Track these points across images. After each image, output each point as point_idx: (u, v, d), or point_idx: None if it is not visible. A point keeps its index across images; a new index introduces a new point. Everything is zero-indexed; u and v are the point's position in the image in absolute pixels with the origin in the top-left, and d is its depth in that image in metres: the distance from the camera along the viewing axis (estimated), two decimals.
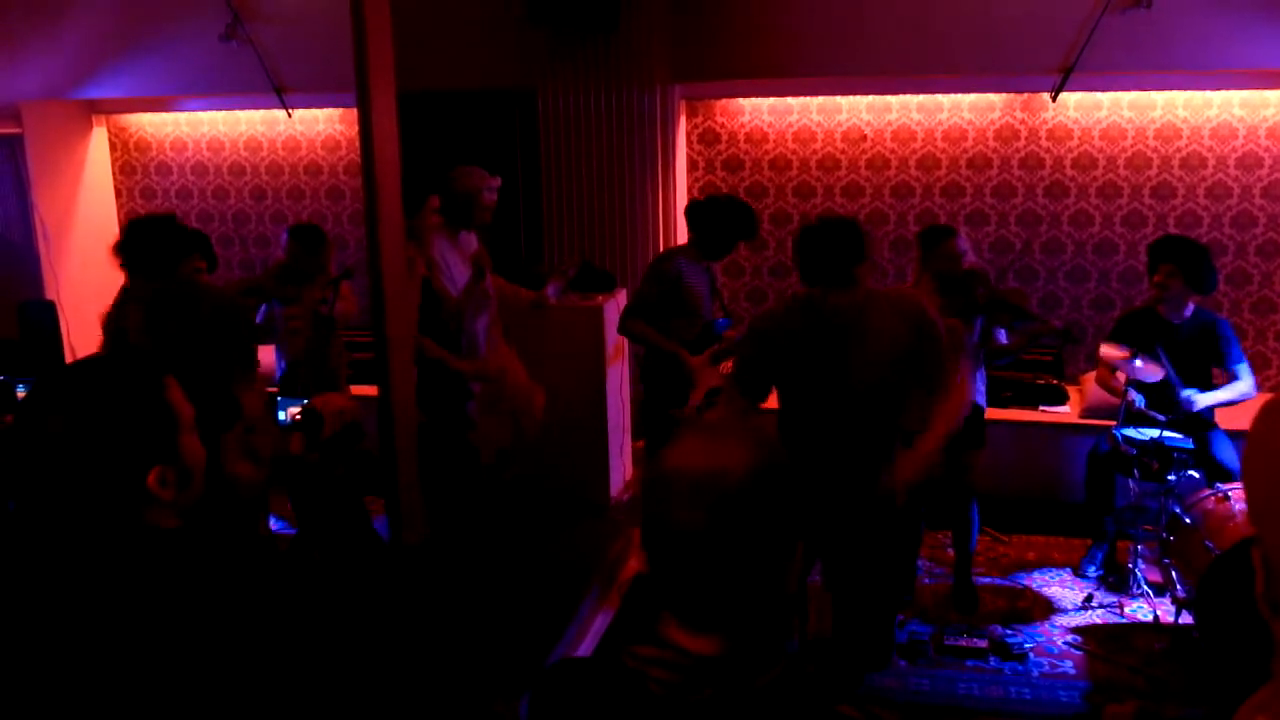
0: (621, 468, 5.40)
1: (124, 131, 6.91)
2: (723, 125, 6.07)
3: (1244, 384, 4.34)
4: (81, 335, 5.87)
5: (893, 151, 5.88)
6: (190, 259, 5.19)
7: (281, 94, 6.18)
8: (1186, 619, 3.86)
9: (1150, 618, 4.11)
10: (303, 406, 1.73)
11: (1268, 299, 5.56)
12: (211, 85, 6.30)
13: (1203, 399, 4.28)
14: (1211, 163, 5.50)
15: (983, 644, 4.00)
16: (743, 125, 6.05)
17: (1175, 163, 5.52)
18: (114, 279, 7.08)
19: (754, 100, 5.99)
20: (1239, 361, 4.38)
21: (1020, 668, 3.87)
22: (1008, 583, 4.56)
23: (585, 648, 3.89)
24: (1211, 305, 4.48)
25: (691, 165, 6.13)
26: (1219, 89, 5.39)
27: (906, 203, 5.90)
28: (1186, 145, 5.51)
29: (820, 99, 5.90)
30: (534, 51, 5.69)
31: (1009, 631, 4.11)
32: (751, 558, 1.16)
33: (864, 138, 5.89)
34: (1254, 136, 5.43)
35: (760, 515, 1.15)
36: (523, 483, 4.82)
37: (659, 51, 5.58)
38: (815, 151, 5.97)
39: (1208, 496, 4.01)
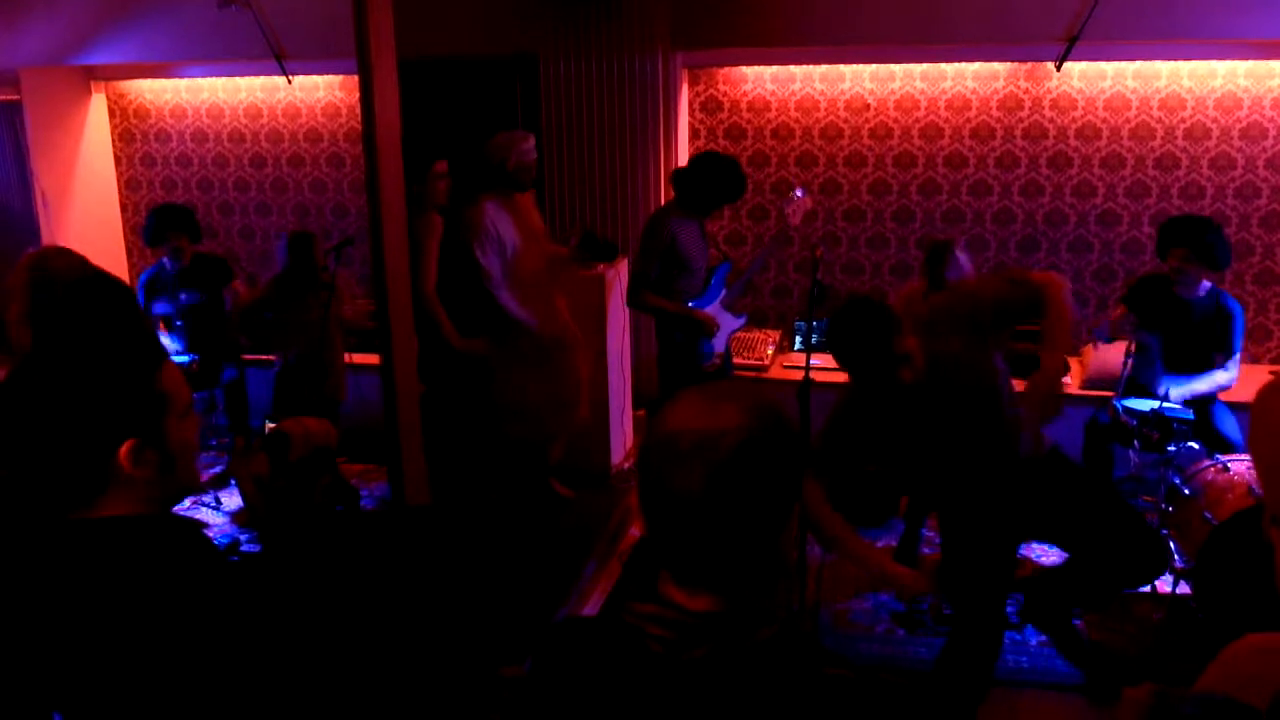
0: (622, 437, 5.41)
1: (123, 98, 6.87)
2: (725, 93, 6.04)
3: (1225, 375, 4.40)
4: None
5: (895, 121, 5.84)
6: (170, 235, 5.21)
7: (281, 60, 6.14)
8: (1185, 589, 3.88)
9: (1148, 588, 4.13)
10: (271, 428, 1.67)
11: (1270, 270, 5.55)
12: (211, 51, 6.25)
13: (1177, 392, 4.30)
14: (1216, 134, 5.47)
15: None
16: (745, 94, 6.01)
17: (1179, 133, 5.50)
18: (113, 247, 7.09)
19: (756, 68, 5.95)
20: (1236, 351, 4.40)
21: (1018, 637, 3.89)
22: None
23: (586, 615, 3.92)
24: (1214, 276, 4.48)
25: (693, 134, 6.09)
26: (1224, 59, 5.35)
27: (909, 172, 5.88)
28: (1191, 116, 5.48)
29: (823, 68, 5.86)
30: (536, 18, 5.64)
31: (1008, 600, 4.12)
32: (747, 519, 1.17)
33: (867, 107, 5.86)
34: (1259, 107, 5.39)
35: (756, 477, 1.16)
36: (529, 453, 4.84)
37: (661, 18, 5.54)
38: (818, 120, 5.94)
39: (1207, 467, 4.02)
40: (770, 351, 5.79)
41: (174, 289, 5.34)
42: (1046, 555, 4.53)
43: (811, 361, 4.19)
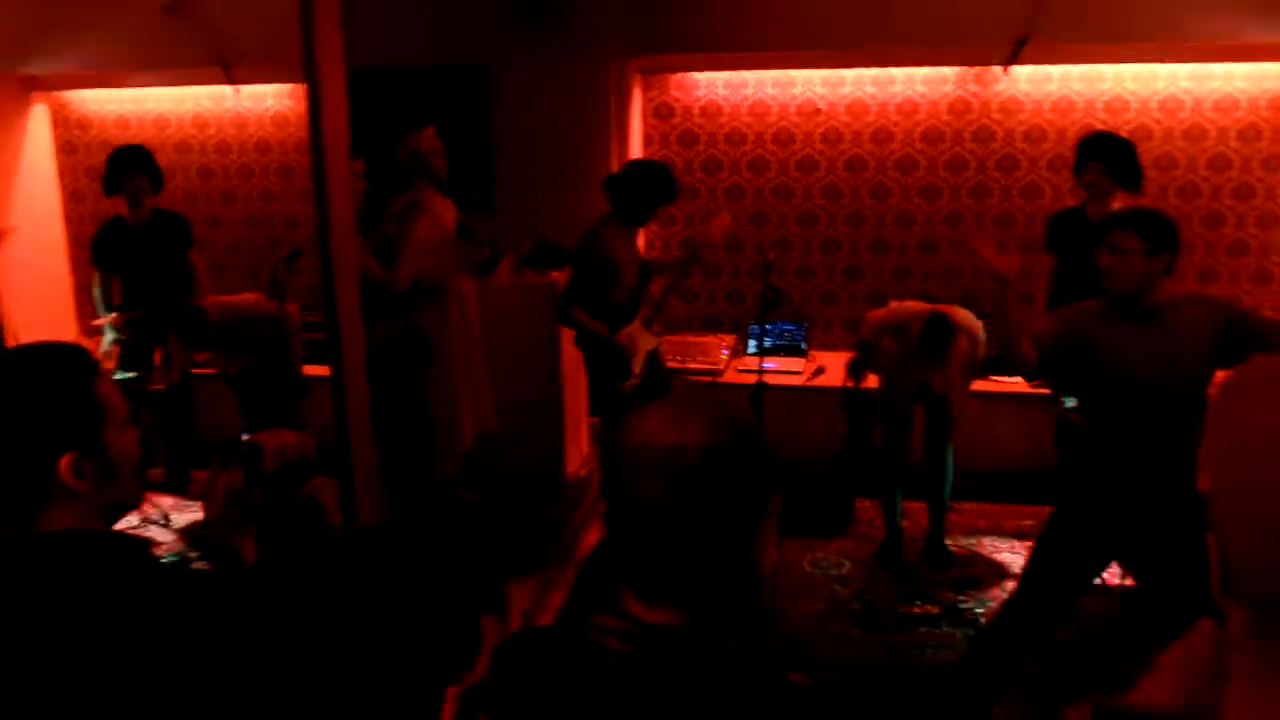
0: (578, 444, 5.39)
1: (65, 108, 6.74)
2: (678, 99, 6.05)
3: None
4: (22, 317, 5.74)
5: (846, 125, 5.89)
6: (131, 177, 5.08)
7: (228, 69, 6.05)
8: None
9: (1098, 580, 4.18)
10: (245, 441, 1.68)
11: (1211, 268, 5.66)
12: (155, 60, 6.15)
13: None
14: (1159, 135, 5.57)
15: (936, 610, 4.06)
16: (698, 99, 6.03)
17: (1124, 135, 5.57)
18: (56, 261, 6.95)
19: (709, 74, 5.97)
20: None
21: (973, 633, 3.93)
22: (960, 550, 4.63)
23: (542, 624, 3.90)
24: (1128, 199, 4.52)
25: (647, 140, 6.10)
26: (1166, 62, 5.45)
27: (860, 176, 5.92)
28: (1134, 118, 5.57)
29: (774, 73, 5.89)
30: (488, 27, 5.62)
31: (961, 597, 4.18)
32: (713, 532, 1.16)
33: (818, 111, 5.90)
34: (1200, 109, 5.50)
35: (722, 490, 1.15)
36: (479, 460, 4.81)
37: (613, 25, 5.54)
38: (770, 125, 5.97)
39: None
40: (724, 356, 5.80)
41: (130, 248, 5.15)
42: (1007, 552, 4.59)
43: (765, 365, 4.22)
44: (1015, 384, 5.37)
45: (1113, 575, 4.08)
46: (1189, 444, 3.07)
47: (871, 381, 4.57)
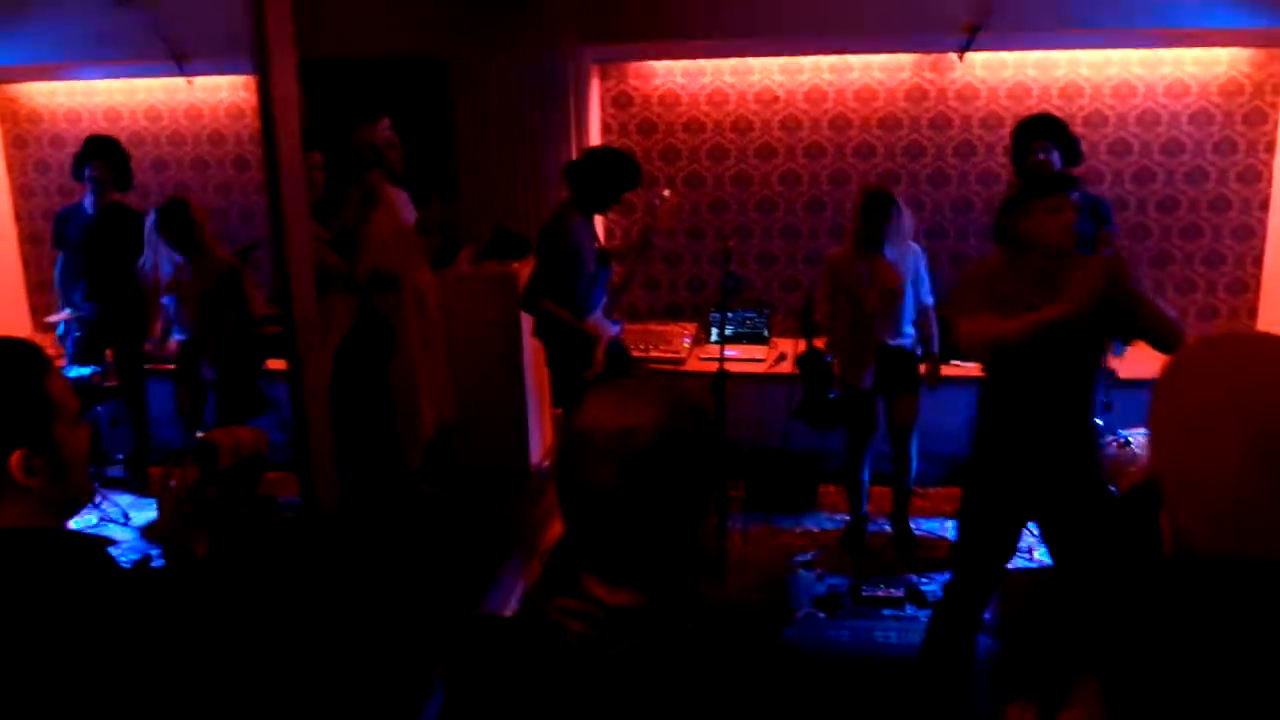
0: (541, 435, 5.38)
1: (13, 102, 6.61)
2: (635, 88, 6.04)
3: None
4: None
5: (805, 112, 5.90)
6: (93, 165, 5.03)
7: (180, 61, 5.96)
8: None
9: (1035, 564, 4.25)
10: (199, 438, 1.66)
11: (1166, 252, 5.74)
12: (106, 53, 6.04)
13: None
14: (1113, 120, 5.63)
15: (899, 593, 4.10)
16: (656, 88, 6.02)
17: (1079, 120, 5.64)
18: (7, 258, 6.82)
19: (666, 63, 5.96)
20: (1114, 235, 4.53)
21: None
22: (923, 533, 4.68)
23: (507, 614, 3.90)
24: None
25: (605, 129, 6.09)
26: (1119, 48, 5.51)
27: (819, 163, 5.95)
28: (1089, 104, 5.63)
29: (732, 61, 5.89)
30: (445, 16, 5.57)
31: (924, 580, 4.21)
32: (662, 514, 1.18)
33: (776, 99, 5.91)
34: (1152, 94, 5.57)
35: (670, 472, 1.17)
36: (442, 452, 4.80)
37: (570, 14, 5.51)
38: (729, 113, 5.97)
39: (1110, 442, 4.14)
40: (686, 344, 5.81)
41: (81, 235, 5.11)
42: None
43: (727, 353, 4.23)
44: (978, 369, 5.41)
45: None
46: (1084, 403, 3.15)
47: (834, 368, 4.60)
